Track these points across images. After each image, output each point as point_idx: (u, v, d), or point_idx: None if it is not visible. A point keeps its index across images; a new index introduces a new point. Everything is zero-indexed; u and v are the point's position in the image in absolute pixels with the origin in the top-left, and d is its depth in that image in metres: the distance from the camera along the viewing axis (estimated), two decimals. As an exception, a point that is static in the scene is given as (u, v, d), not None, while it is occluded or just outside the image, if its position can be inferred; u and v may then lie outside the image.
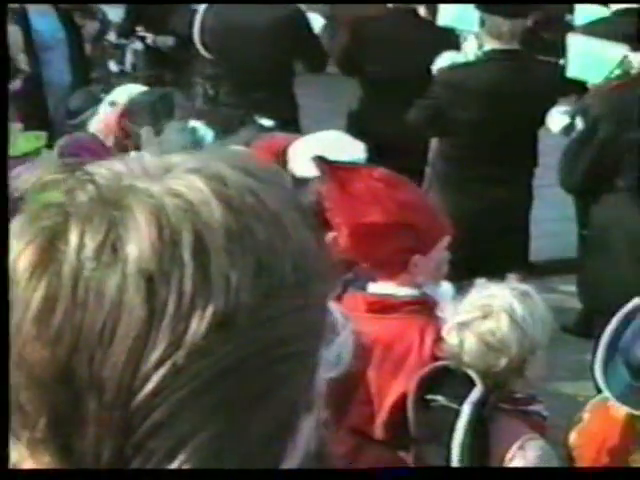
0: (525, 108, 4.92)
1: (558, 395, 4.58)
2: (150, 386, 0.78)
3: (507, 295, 2.79)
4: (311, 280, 0.85)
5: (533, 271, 5.90)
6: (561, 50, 4.99)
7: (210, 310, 0.78)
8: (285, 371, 0.83)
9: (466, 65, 5.24)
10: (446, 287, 3.31)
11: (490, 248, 5.06)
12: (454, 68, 5.22)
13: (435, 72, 5.30)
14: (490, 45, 5.05)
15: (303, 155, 3.49)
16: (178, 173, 0.84)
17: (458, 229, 4.96)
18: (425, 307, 3.10)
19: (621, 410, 2.99)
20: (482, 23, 5.01)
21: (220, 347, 0.79)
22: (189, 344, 0.78)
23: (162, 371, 0.78)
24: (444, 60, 5.42)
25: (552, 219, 7.26)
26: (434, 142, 5.56)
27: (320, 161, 3.17)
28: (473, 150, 5.08)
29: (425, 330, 3.01)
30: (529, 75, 5.04)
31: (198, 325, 0.78)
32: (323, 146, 3.68)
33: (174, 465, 0.78)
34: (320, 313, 0.87)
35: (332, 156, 3.37)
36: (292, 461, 0.87)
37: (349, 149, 3.75)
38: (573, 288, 4.90)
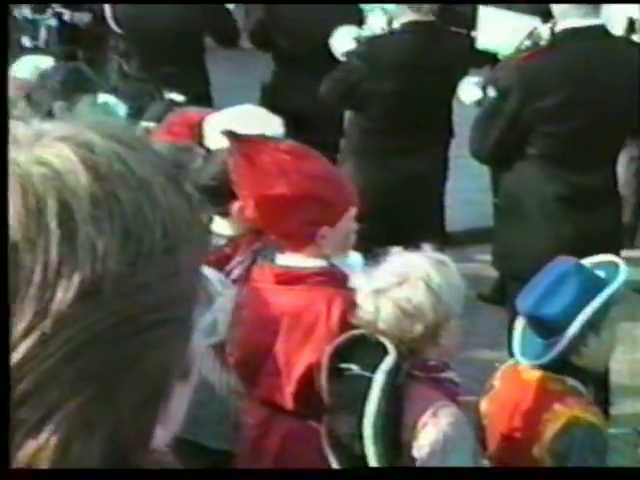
0: (439, 79, 4.95)
1: (475, 362, 4.64)
2: (18, 356, 0.77)
3: (423, 263, 2.81)
4: (181, 247, 0.85)
5: (450, 241, 5.98)
6: (473, 22, 5.04)
7: (76, 278, 0.78)
8: (156, 338, 0.82)
9: (382, 37, 5.25)
10: (354, 258, 3.33)
11: (407, 219, 5.09)
12: (371, 40, 5.22)
13: (352, 44, 5.30)
14: (407, 17, 5.06)
15: (218, 129, 3.49)
16: (47, 141, 0.83)
17: (375, 200, 5.06)
18: (333, 278, 3.10)
19: (532, 373, 3.04)
20: None
21: (87, 315, 0.79)
22: (55, 313, 0.78)
23: (29, 341, 0.77)
24: (342, 34, 5.42)
25: (469, 189, 7.34)
26: (349, 114, 5.57)
27: (228, 134, 3.16)
28: (388, 121, 5.10)
29: (333, 301, 3.01)
30: (443, 47, 5.07)
31: (64, 293, 0.78)
32: (239, 120, 3.67)
33: (44, 435, 0.78)
34: (192, 280, 0.87)
35: (248, 130, 3.36)
36: (167, 427, 0.87)
37: (266, 124, 3.74)
38: (489, 257, 4.95)
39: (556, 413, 2.95)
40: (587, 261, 3.11)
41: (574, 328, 2.90)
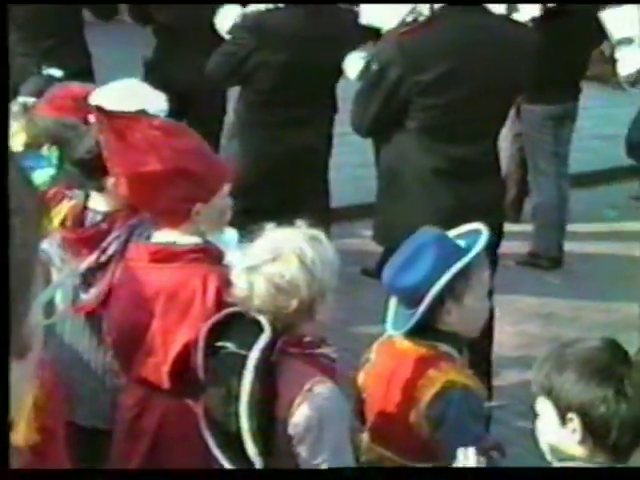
0: (327, 52, 4.97)
1: (360, 337, 4.69)
2: None
3: (296, 239, 2.82)
4: (13, 219, 0.83)
5: (335, 216, 6.02)
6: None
7: None
8: None
9: (271, 11, 5.23)
10: (230, 234, 3.33)
11: (294, 192, 5.11)
12: (260, 14, 5.20)
13: (239, 17, 5.27)
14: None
15: (104, 104, 3.46)
16: None
17: (263, 173, 5.06)
18: (208, 255, 3.11)
19: (405, 343, 3.09)
20: None
21: None
22: None
23: None
24: (226, 12, 5.40)
25: (353, 164, 7.40)
26: (236, 88, 5.55)
27: (98, 110, 3.13)
28: (277, 94, 5.10)
29: (208, 278, 3.02)
30: (331, 20, 5.08)
31: None
32: (123, 96, 3.65)
33: None
34: (25, 254, 0.86)
35: (132, 106, 3.33)
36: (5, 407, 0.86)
37: (149, 100, 3.71)
38: (374, 232, 5.00)
39: (431, 378, 3.01)
40: (452, 231, 3.16)
41: (430, 296, 2.96)
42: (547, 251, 7.21)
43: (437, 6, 4.23)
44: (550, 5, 6.80)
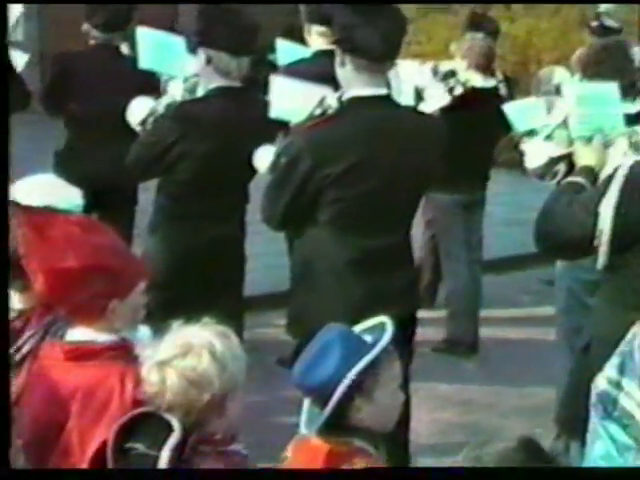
0: (245, 143, 4.99)
1: (275, 428, 4.65)
2: None
3: (206, 334, 2.86)
4: None
5: (249, 305, 6.00)
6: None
7: None
8: None
9: (192, 102, 5.28)
10: (144, 331, 3.33)
11: (208, 285, 5.10)
12: (181, 104, 5.24)
13: (162, 107, 5.30)
14: (215, 83, 5.10)
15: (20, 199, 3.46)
16: None
17: (182, 267, 5.04)
18: (125, 352, 3.11)
19: (319, 440, 3.07)
20: (208, 60, 5.04)
21: None
22: None
23: None
24: (139, 105, 5.42)
25: (267, 253, 7.40)
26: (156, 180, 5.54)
27: (15, 206, 3.12)
28: (195, 185, 5.12)
29: (125, 375, 3.01)
30: (249, 112, 5.12)
31: None
32: (39, 191, 3.65)
33: None
34: None
35: (46, 202, 3.33)
36: None
37: (64, 195, 3.72)
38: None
39: None
40: (358, 326, 3.17)
41: (338, 394, 2.94)
42: (462, 337, 7.27)
43: (344, 98, 4.28)
44: (456, 94, 6.95)
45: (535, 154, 5.08)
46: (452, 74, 7.14)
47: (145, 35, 5.79)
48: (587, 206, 3.57)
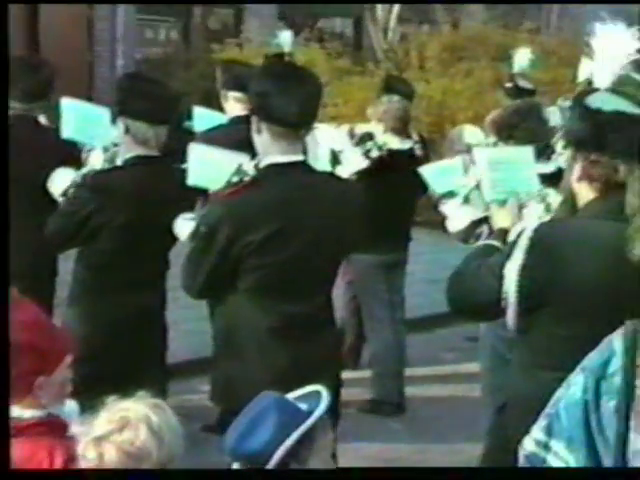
0: (164, 212, 4.99)
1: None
2: None
3: (141, 407, 2.89)
4: None
5: (173, 372, 5.97)
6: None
7: None
8: None
9: (110, 171, 5.29)
10: (70, 406, 3.31)
11: (131, 356, 5.08)
12: (99, 173, 5.26)
13: (80, 177, 5.29)
14: (133, 152, 5.12)
15: None
16: None
17: (98, 338, 4.99)
18: (53, 428, 3.11)
19: None
20: (126, 130, 5.06)
21: None
22: None
23: None
24: (60, 176, 5.42)
25: (189, 319, 7.37)
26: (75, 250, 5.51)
27: None
28: (115, 256, 5.11)
29: (54, 451, 3.02)
30: (168, 181, 5.15)
31: None
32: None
33: None
34: None
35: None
36: None
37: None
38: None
39: None
40: (292, 394, 3.17)
41: (273, 462, 2.95)
42: (388, 397, 7.30)
43: (262, 166, 4.31)
44: (374, 157, 7.04)
45: (456, 218, 5.14)
46: (369, 137, 7.24)
47: (69, 106, 5.80)
48: (493, 269, 3.58)
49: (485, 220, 4.84)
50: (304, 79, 4.35)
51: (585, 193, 3.53)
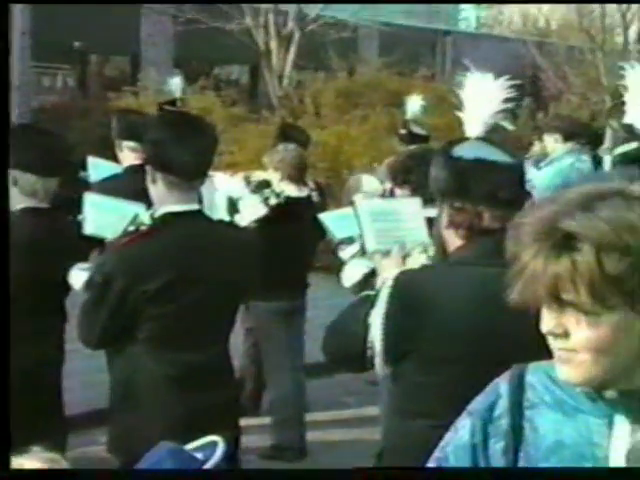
0: (57, 264, 4.94)
1: None
2: None
3: (35, 462, 2.77)
4: None
5: (73, 424, 5.89)
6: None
7: None
8: None
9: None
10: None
11: (27, 406, 4.99)
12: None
13: None
14: (23, 204, 5.05)
15: None
16: None
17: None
18: None
19: None
20: (14, 181, 5.00)
21: None
22: None
23: None
24: None
25: (85, 371, 7.29)
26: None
27: None
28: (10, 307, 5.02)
29: None
30: (60, 233, 5.08)
31: None
32: None
33: None
34: None
35: None
36: None
37: None
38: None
39: None
40: (189, 445, 3.16)
41: None
42: (289, 443, 7.29)
43: (157, 215, 4.31)
44: (272, 205, 7.08)
45: (349, 272, 5.15)
46: (266, 185, 7.28)
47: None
48: (359, 318, 3.53)
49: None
50: (198, 128, 4.36)
51: (452, 240, 3.54)
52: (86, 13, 16.98)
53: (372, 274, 4.86)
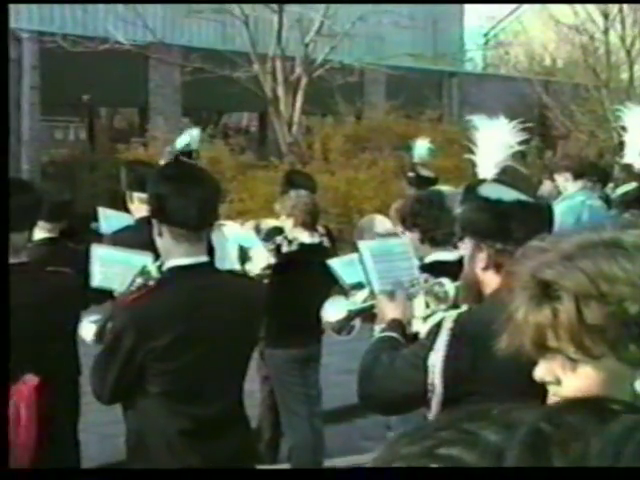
0: (45, 316, 4.83)
1: None
2: None
3: None
4: None
5: (82, 479, 5.83)
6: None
7: None
8: None
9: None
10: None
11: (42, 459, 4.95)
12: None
13: None
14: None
15: None
16: None
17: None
18: None
19: None
20: None
21: None
22: None
23: None
24: None
25: (102, 423, 7.25)
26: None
27: None
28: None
29: None
30: (51, 286, 4.92)
31: None
32: None
33: None
34: None
35: None
36: None
37: None
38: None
39: None
40: None
41: None
42: (307, 491, 7.20)
43: (165, 268, 4.28)
44: (284, 253, 7.05)
45: (333, 308, 5.09)
46: (278, 232, 7.26)
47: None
48: (412, 361, 3.56)
49: (361, 313, 4.83)
50: (200, 180, 4.33)
51: (491, 281, 3.56)
52: (93, 66, 17.09)
53: (355, 314, 4.82)
